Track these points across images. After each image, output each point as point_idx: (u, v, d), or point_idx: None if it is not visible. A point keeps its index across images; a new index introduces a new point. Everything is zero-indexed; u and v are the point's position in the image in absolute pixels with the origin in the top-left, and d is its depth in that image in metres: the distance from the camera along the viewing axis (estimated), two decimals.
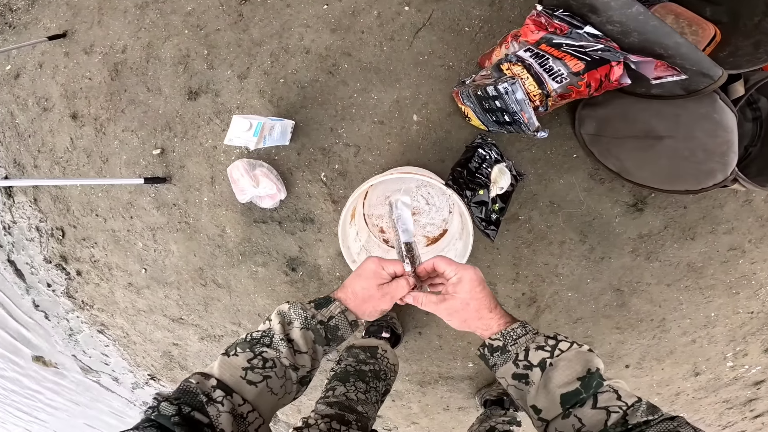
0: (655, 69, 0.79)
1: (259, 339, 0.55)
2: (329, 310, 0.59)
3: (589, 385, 0.46)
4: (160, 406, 0.45)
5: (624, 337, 1.36)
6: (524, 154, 1.20)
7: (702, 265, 1.25)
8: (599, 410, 0.44)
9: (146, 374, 1.93)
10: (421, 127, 1.21)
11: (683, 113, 0.92)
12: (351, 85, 1.23)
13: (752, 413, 1.53)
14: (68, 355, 2.04)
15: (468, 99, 1.08)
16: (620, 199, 1.20)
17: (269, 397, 0.52)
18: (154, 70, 1.35)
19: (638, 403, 0.44)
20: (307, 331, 0.56)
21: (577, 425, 0.44)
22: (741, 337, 1.35)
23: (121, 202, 1.49)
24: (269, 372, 0.52)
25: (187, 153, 1.37)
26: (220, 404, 0.47)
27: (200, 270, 1.50)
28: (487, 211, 1.14)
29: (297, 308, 0.58)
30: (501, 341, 0.54)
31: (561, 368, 0.48)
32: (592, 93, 0.89)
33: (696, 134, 0.91)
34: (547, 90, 0.92)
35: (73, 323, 1.88)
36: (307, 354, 0.55)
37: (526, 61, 0.93)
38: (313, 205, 1.33)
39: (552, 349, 0.50)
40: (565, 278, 1.29)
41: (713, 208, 1.19)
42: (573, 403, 0.46)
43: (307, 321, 0.57)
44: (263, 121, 1.02)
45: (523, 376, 0.51)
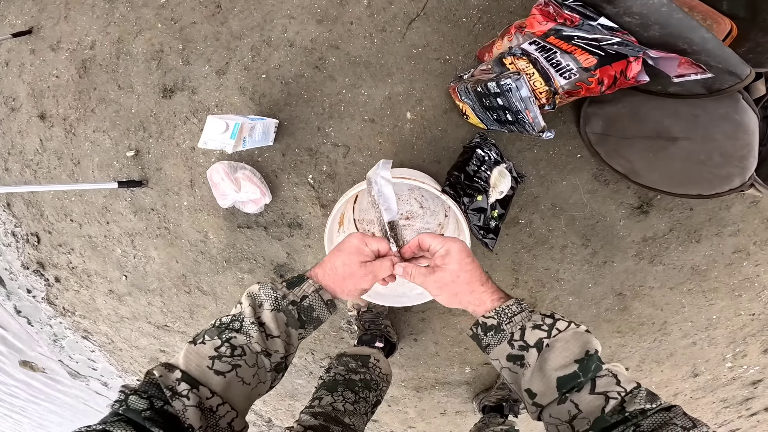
0: (678, 66, 0.71)
1: (228, 324, 0.51)
2: (302, 289, 0.55)
3: (587, 369, 0.43)
4: (128, 400, 0.41)
5: (624, 341, 1.32)
6: (525, 154, 1.12)
7: (706, 267, 1.20)
8: (598, 395, 0.41)
9: (135, 380, 1.87)
10: (415, 126, 1.13)
11: (701, 113, 0.85)
12: (339, 80, 1.13)
13: (748, 411, 1.54)
14: (55, 360, 1.97)
15: (466, 95, 1.00)
16: (625, 201, 1.14)
17: (240, 387, 0.48)
18: (126, 66, 1.25)
19: (637, 390, 0.42)
20: (279, 312, 0.52)
21: (573, 411, 0.42)
22: (741, 339, 1.33)
23: (96, 207, 1.40)
24: (238, 360, 0.48)
25: (163, 154, 1.27)
26: (185, 398, 0.43)
27: (183, 277, 1.42)
28: (485, 219, 1.07)
29: (267, 288, 0.53)
30: (495, 319, 0.50)
31: (558, 349, 0.45)
32: (604, 90, 0.81)
33: (715, 136, 0.84)
34: (555, 87, 0.84)
35: (56, 329, 1.81)
36: (279, 338, 0.51)
37: (532, 54, 0.84)
38: (301, 210, 1.25)
39: (549, 329, 0.47)
40: (566, 283, 1.23)
41: (720, 210, 1.14)
42: (570, 388, 0.43)
43: (278, 302, 0.52)
44: (241, 122, 0.93)
45: (518, 357, 0.48)
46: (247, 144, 0.99)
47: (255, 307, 0.52)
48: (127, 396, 0.42)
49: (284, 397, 1.63)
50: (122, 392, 0.43)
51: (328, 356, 1.46)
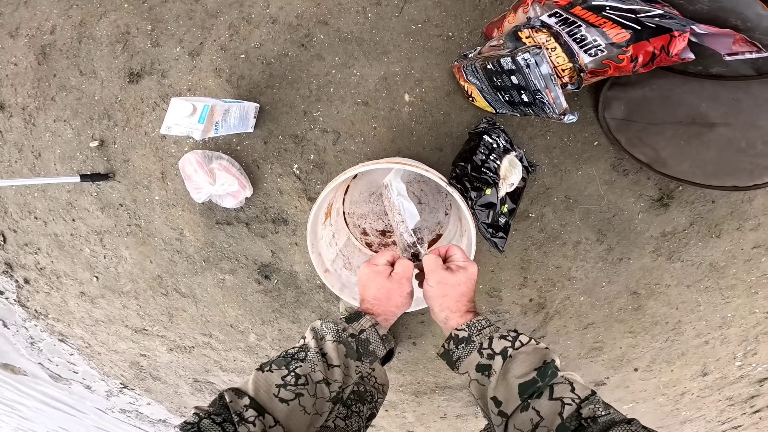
0: (733, 44, 0.60)
1: (294, 354, 0.53)
2: (360, 323, 0.58)
3: (544, 374, 0.47)
4: (201, 423, 0.43)
5: (636, 341, 1.24)
6: (537, 142, 1.01)
7: (725, 264, 1.12)
8: (555, 401, 0.44)
9: (118, 383, 1.76)
10: (415, 109, 1.01)
11: (744, 97, 0.75)
12: (328, 59, 1.00)
13: (752, 409, 1.49)
14: (35, 363, 1.86)
15: (473, 75, 0.88)
16: (644, 193, 1.04)
17: (301, 416, 0.49)
18: (88, 51, 1.12)
19: (592, 396, 0.44)
20: (339, 344, 0.54)
21: (535, 419, 0.44)
22: (753, 337, 1.26)
23: (60, 203, 1.26)
24: (302, 389, 0.49)
25: (130, 144, 1.13)
26: (251, 424, 0.45)
27: (159, 278, 1.30)
28: (494, 215, 0.95)
29: (329, 323, 0.57)
30: (466, 332, 0.55)
31: (519, 360, 0.49)
32: (637, 69, 0.69)
33: (759, 122, 0.75)
34: (580, 63, 0.72)
35: (32, 332, 1.69)
36: (338, 368, 0.53)
37: (553, 28, 0.72)
38: (286, 203, 1.12)
39: (513, 340, 0.52)
40: (579, 282, 1.14)
41: (742, 203, 1.05)
42: (530, 393, 0.46)
43: (339, 334, 0.55)
44: (212, 104, 0.80)
45: (486, 367, 0.51)
46: (221, 130, 0.86)
47: (318, 339, 0.55)
48: (201, 419, 0.44)
49: None
50: (196, 414, 0.45)
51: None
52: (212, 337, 1.39)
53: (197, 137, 0.79)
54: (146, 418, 1.94)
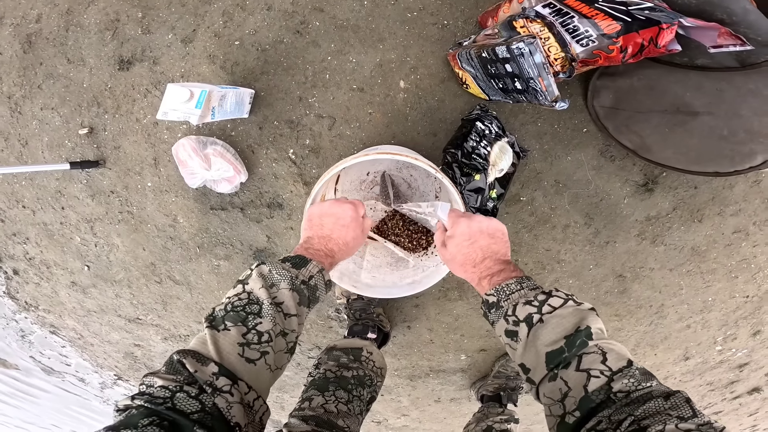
0: (718, 37, 0.63)
1: (245, 307, 0.48)
2: (308, 270, 0.55)
3: (572, 343, 0.42)
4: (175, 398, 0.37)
5: (622, 325, 1.29)
6: (528, 128, 1.03)
7: (706, 248, 1.17)
8: (581, 372, 0.40)
9: (112, 374, 1.75)
10: (410, 95, 1.02)
11: (727, 88, 0.78)
12: (324, 46, 1.00)
13: (732, 395, 1.55)
14: (26, 357, 1.83)
15: (468, 63, 0.89)
16: (630, 179, 1.07)
17: (267, 374, 0.46)
18: (75, 39, 1.10)
19: (627, 369, 0.39)
20: (294, 292, 0.51)
21: (564, 389, 0.41)
22: (733, 322, 1.32)
23: (49, 191, 1.24)
24: (266, 347, 0.46)
25: (121, 131, 1.12)
26: (228, 394, 0.40)
27: (152, 265, 1.29)
28: (482, 200, 0.98)
29: (279, 268, 0.52)
30: (495, 297, 0.52)
31: (551, 326, 0.44)
32: (626, 59, 0.72)
33: (741, 112, 0.78)
34: (572, 53, 0.75)
35: (22, 324, 1.66)
36: (295, 317, 0.50)
37: (547, 18, 0.74)
38: (281, 188, 1.13)
39: (540, 305, 0.46)
40: (567, 265, 1.18)
41: (723, 189, 1.09)
42: (557, 363, 0.42)
43: (293, 281, 0.52)
44: (209, 89, 0.80)
45: (513, 333, 0.48)
46: (217, 115, 0.86)
47: (268, 287, 0.50)
48: (174, 393, 0.37)
49: (272, 390, 1.54)
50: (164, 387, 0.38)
51: (316, 347, 1.38)
52: None
53: (195, 122, 0.79)
54: None
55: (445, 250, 0.62)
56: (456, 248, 0.60)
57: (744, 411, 1.63)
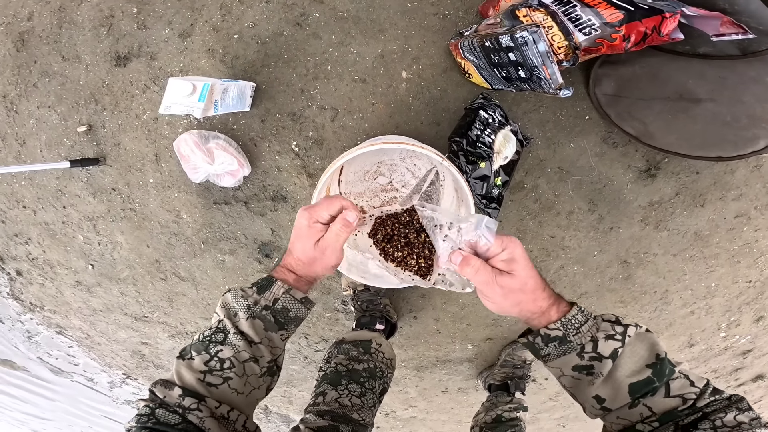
0: (721, 26, 0.64)
1: (211, 336, 0.50)
2: (272, 292, 0.53)
3: (662, 373, 0.43)
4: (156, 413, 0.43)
5: (626, 311, 1.30)
6: (531, 116, 1.03)
7: (709, 233, 1.17)
8: (673, 398, 0.42)
9: (121, 373, 1.76)
10: (412, 86, 1.02)
11: (730, 75, 0.79)
12: (324, 38, 1.00)
13: (736, 382, 1.57)
14: (34, 358, 1.83)
15: (471, 52, 0.89)
16: (633, 165, 1.08)
17: (237, 397, 0.48)
18: (70, 36, 1.09)
19: (706, 387, 0.42)
20: (255, 319, 0.50)
21: (645, 413, 0.42)
22: (737, 307, 1.33)
23: (49, 190, 1.23)
24: (228, 373, 0.48)
25: (121, 128, 1.12)
26: (198, 411, 0.44)
27: (157, 262, 1.29)
28: (488, 187, 0.99)
29: (238, 297, 0.51)
30: (561, 331, 0.47)
31: (627, 355, 0.44)
32: (629, 48, 0.72)
33: (744, 98, 0.79)
34: (575, 42, 0.75)
35: (28, 325, 1.66)
36: (261, 344, 0.50)
37: (550, 7, 0.74)
38: (285, 181, 1.13)
39: (623, 337, 0.45)
40: (572, 251, 1.18)
41: (725, 174, 1.09)
42: (644, 393, 0.43)
43: (251, 309, 0.51)
44: (211, 82, 0.80)
45: (587, 367, 0.46)
46: (220, 109, 0.86)
47: (231, 317, 0.51)
48: (153, 409, 0.43)
49: (280, 384, 1.56)
50: (147, 406, 0.44)
51: (323, 339, 1.38)
52: None
53: (198, 116, 0.79)
54: None
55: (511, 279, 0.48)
56: (526, 272, 0.48)
57: (749, 398, 1.61)
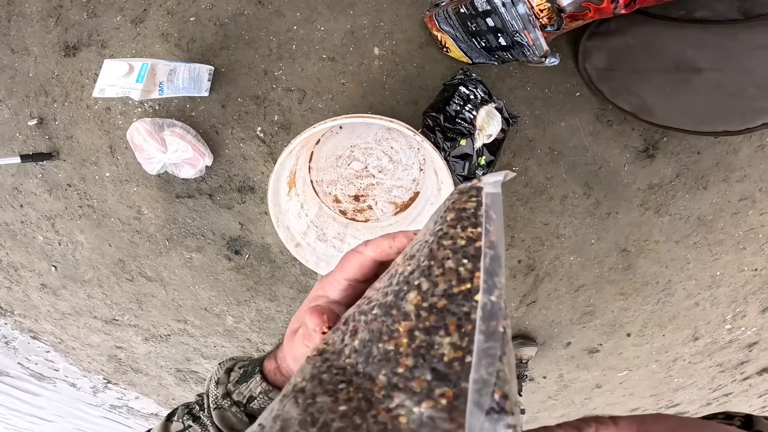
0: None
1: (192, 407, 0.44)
2: (249, 387, 0.42)
3: None
4: None
5: (628, 304, 1.22)
6: (517, 93, 0.94)
7: (713, 218, 1.09)
8: None
9: (101, 378, 1.69)
10: (385, 62, 0.93)
11: (732, 43, 0.71)
12: (288, 15, 0.91)
13: (742, 375, 1.49)
14: (14, 364, 1.77)
15: (446, 22, 0.80)
16: (630, 144, 0.99)
17: None
18: (18, 28, 1.01)
19: None
20: (223, 411, 0.41)
21: None
22: (742, 298, 1.24)
23: (6, 188, 1.16)
24: None
25: (72, 120, 1.03)
26: None
27: (121, 262, 1.21)
28: (470, 167, 0.90)
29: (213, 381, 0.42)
30: None
31: None
32: (619, 10, 0.64)
33: (750, 67, 0.71)
34: (558, 4, 0.66)
35: (3, 330, 1.59)
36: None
37: None
38: (251, 170, 1.04)
39: None
40: (567, 240, 1.09)
41: (727, 154, 1.00)
42: None
43: (218, 401, 0.41)
44: (151, 62, 0.71)
45: None
46: (167, 91, 0.77)
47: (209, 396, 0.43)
48: None
49: None
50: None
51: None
52: (188, 323, 1.32)
53: (136, 98, 0.70)
54: (138, 413, 1.88)
55: None
56: None
57: (754, 392, 1.57)
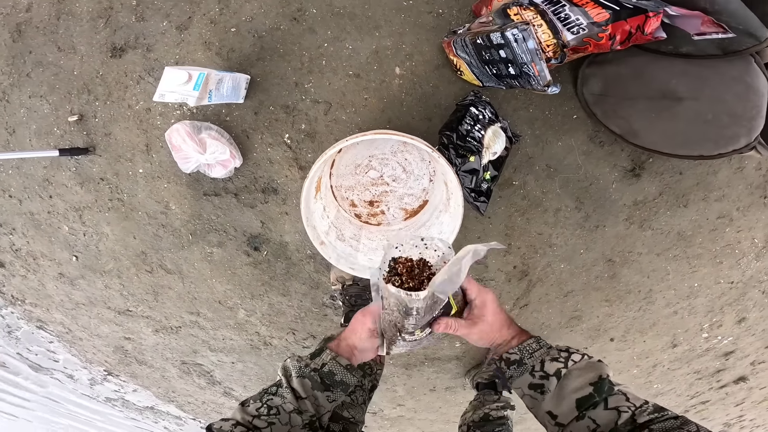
0: (702, 25, 0.67)
1: (268, 389, 0.60)
2: (321, 358, 0.62)
3: (601, 390, 0.50)
4: None
5: (612, 310, 1.32)
6: (521, 114, 1.06)
7: (692, 233, 1.20)
8: (611, 410, 0.48)
9: (102, 370, 1.72)
10: (405, 81, 1.03)
11: (711, 75, 0.82)
12: (320, 33, 1.01)
13: (718, 383, 1.59)
14: (13, 354, 1.78)
15: (463, 49, 0.91)
16: (618, 164, 1.10)
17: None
18: (67, 27, 1.09)
19: (645, 405, 0.48)
20: (304, 378, 0.60)
21: (591, 426, 0.48)
22: (719, 308, 1.36)
23: (36, 180, 1.22)
24: (273, 419, 0.55)
25: (112, 118, 1.11)
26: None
27: (143, 254, 1.28)
28: (477, 181, 1.00)
29: (294, 360, 0.62)
30: (518, 355, 0.58)
31: (574, 376, 0.52)
32: (615, 46, 0.75)
33: (725, 97, 0.82)
34: (563, 40, 0.77)
35: (9, 320, 1.62)
36: (307, 400, 0.58)
37: (540, 6, 0.77)
38: (276, 173, 1.13)
39: (565, 360, 0.54)
40: (559, 249, 1.20)
41: (707, 175, 1.13)
42: (587, 406, 0.49)
43: (301, 370, 0.60)
44: (207, 72, 0.80)
45: (539, 386, 0.54)
46: (214, 98, 0.86)
47: (287, 377, 0.61)
48: None
49: (265, 381, 1.54)
50: None
51: (311, 335, 1.38)
52: (200, 315, 1.38)
53: (192, 104, 0.79)
54: (133, 406, 1.90)
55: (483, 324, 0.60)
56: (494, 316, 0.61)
57: (731, 401, 1.67)
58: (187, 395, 1.74)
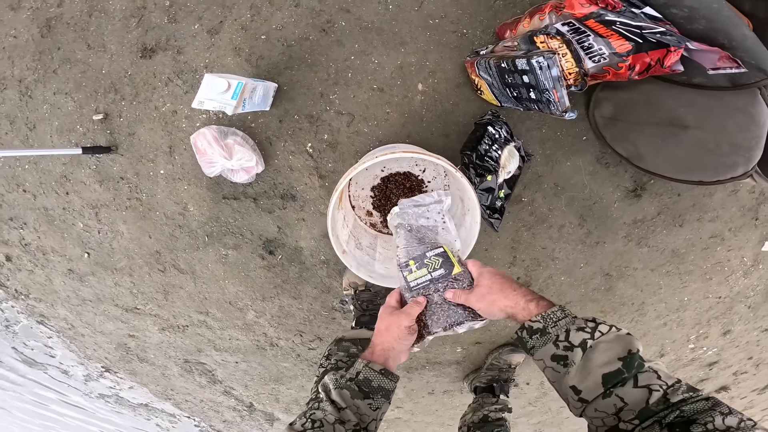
0: (718, 60, 0.72)
1: (310, 405, 0.64)
2: (354, 368, 0.65)
3: (630, 365, 0.47)
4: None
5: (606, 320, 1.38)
6: (534, 134, 1.11)
7: (685, 251, 1.28)
8: (641, 389, 0.45)
9: (100, 366, 1.72)
10: (426, 98, 1.08)
11: (717, 105, 0.87)
12: (348, 45, 1.05)
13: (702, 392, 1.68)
14: (7, 348, 1.76)
15: (486, 71, 0.96)
16: (622, 184, 1.17)
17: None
18: (98, 24, 1.10)
19: (678, 384, 0.46)
20: (342, 390, 0.62)
21: (618, 404, 0.45)
22: (705, 321, 1.43)
23: (53, 176, 1.23)
24: (318, 431, 0.58)
25: (138, 118, 1.13)
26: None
27: (157, 253, 1.29)
28: (492, 199, 1.06)
29: (331, 375, 0.66)
30: (541, 323, 0.55)
31: (601, 350, 0.49)
32: (633, 76, 0.81)
33: (728, 127, 0.87)
34: (584, 68, 0.83)
35: (8, 314, 1.61)
36: (348, 409, 0.61)
37: (566, 35, 0.82)
38: (296, 180, 1.16)
39: (592, 331, 0.51)
40: (561, 262, 1.26)
41: (703, 197, 1.20)
42: (615, 383, 0.47)
43: (338, 382, 0.64)
44: (245, 82, 0.83)
45: (562, 357, 0.51)
46: (247, 107, 0.89)
47: (326, 391, 0.64)
48: None
49: (268, 381, 1.56)
50: None
51: (318, 338, 1.41)
52: (209, 315, 1.40)
53: (229, 112, 0.82)
54: (127, 403, 1.90)
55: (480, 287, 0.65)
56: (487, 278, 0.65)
57: None
58: (186, 393, 1.75)
